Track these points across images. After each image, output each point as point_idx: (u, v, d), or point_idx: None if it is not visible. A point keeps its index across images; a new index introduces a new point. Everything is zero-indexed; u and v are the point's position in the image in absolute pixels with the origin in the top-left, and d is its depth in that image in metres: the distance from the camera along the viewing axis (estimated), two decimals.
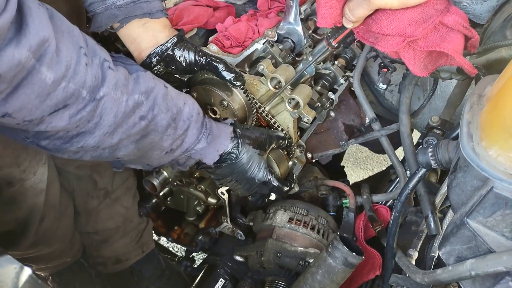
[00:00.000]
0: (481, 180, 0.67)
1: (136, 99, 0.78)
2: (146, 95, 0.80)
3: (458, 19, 0.82)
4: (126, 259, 1.42)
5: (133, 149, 0.84)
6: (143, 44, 0.97)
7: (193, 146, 0.93)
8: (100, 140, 0.77)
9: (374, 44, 0.90)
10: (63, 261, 1.38)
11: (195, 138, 0.92)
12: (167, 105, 0.84)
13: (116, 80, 0.75)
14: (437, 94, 1.44)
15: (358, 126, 1.56)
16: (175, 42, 0.98)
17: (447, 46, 0.82)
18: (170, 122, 0.86)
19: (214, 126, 0.97)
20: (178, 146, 0.91)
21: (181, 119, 0.88)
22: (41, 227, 1.18)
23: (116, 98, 0.75)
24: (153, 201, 1.43)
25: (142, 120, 0.81)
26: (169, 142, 0.88)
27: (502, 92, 0.65)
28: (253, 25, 1.31)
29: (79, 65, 0.68)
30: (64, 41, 0.67)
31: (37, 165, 1.08)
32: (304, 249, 1.15)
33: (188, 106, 0.90)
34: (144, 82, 0.81)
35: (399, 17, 0.84)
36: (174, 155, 0.92)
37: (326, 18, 0.91)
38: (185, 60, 0.99)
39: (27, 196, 1.09)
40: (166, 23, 1.00)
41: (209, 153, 0.96)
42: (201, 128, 0.93)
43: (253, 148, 1.01)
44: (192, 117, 0.91)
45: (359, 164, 3.25)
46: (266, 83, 1.15)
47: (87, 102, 0.71)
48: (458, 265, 0.69)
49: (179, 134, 0.89)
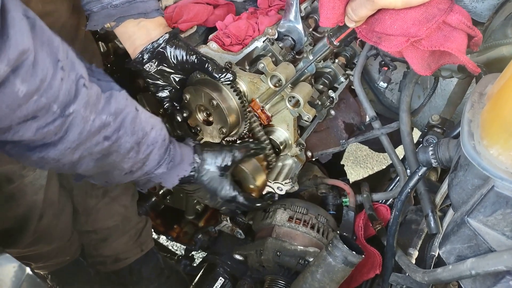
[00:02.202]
0: (482, 179, 0.67)
1: (104, 119, 0.78)
2: (114, 116, 0.80)
3: (462, 18, 0.82)
4: (125, 258, 1.42)
5: (93, 166, 0.84)
6: (137, 41, 0.99)
7: (154, 170, 0.94)
8: (61, 154, 0.76)
9: (378, 44, 0.90)
10: (62, 260, 1.38)
11: (155, 163, 0.93)
12: (133, 128, 0.84)
13: (88, 99, 0.74)
14: (438, 93, 1.44)
15: (358, 124, 1.56)
16: (167, 40, 0.99)
17: (450, 46, 0.82)
18: (133, 146, 0.85)
19: (178, 152, 0.97)
20: (139, 168, 0.91)
21: (145, 144, 0.88)
22: (40, 225, 1.18)
23: (84, 116, 0.74)
24: (152, 199, 1.43)
25: (106, 140, 0.80)
26: (130, 165, 0.88)
27: (503, 90, 0.65)
28: (253, 23, 1.31)
29: (54, 79, 0.67)
30: (42, 53, 0.66)
31: None
32: (303, 248, 1.15)
33: (155, 131, 0.90)
34: (115, 103, 0.80)
35: (402, 17, 0.84)
36: (133, 176, 0.93)
37: (329, 18, 0.91)
38: (176, 58, 1.00)
39: (26, 192, 1.09)
40: (161, 21, 1.01)
41: (169, 178, 0.98)
42: (163, 154, 0.93)
43: (213, 170, 1.02)
44: (157, 143, 0.90)
45: (359, 163, 3.25)
46: (266, 81, 1.15)
47: (57, 117, 0.70)
48: (459, 264, 0.69)
49: (140, 158, 0.89)
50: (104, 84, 0.81)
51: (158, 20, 1.00)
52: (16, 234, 1.16)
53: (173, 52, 1.00)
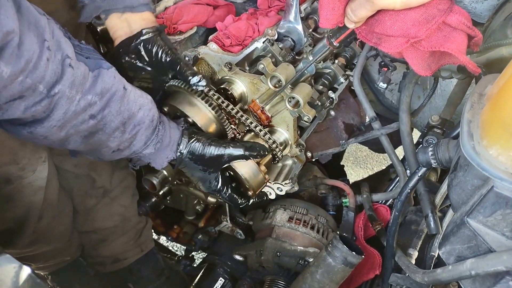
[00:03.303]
0: (482, 179, 0.67)
1: (89, 99, 0.78)
2: (100, 95, 0.80)
3: (462, 19, 0.82)
4: (125, 258, 1.42)
5: (81, 143, 0.84)
6: (117, 33, 0.99)
7: (141, 150, 0.94)
8: (47, 131, 0.77)
9: (378, 45, 0.90)
10: (62, 260, 1.38)
11: (142, 144, 0.92)
12: (119, 108, 0.84)
13: (74, 79, 0.74)
14: (438, 93, 1.44)
15: (358, 125, 1.56)
16: (145, 36, 0.97)
17: (450, 46, 0.82)
18: (119, 126, 0.85)
19: (167, 133, 0.96)
20: (126, 147, 0.91)
21: (131, 124, 0.88)
22: (39, 226, 1.18)
23: (69, 96, 0.74)
24: (152, 200, 1.42)
25: (91, 118, 0.80)
26: (116, 143, 0.88)
27: (502, 91, 0.65)
28: (253, 23, 1.31)
29: (40, 60, 0.68)
30: (29, 34, 0.66)
31: (36, 163, 1.08)
32: (303, 248, 1.15)
33: (143, 112, 0.89)
34: (102, 82, 0.80)
35: (402, 18, 0.84)
36: (122, 154, 0.93)
37: (329, 19, 0.91)
38: (150, 55, 0.99)
39: (25, 193, 1.09)
40: (147, 16, 1.00)
41: (158, 159, 0.97)
42: (150, 135, 0.92)
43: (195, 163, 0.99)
44: (144, 123, 0.90)
45: (359, 163, 3.25)
46: (266, 82, 1.15)
47: (44, 97, 0.71)
48: (458, 264, 0.69)
49: (126, 137, 0.88)
50: (92, 62, 0.81)
51: (144, 14, 0.99)
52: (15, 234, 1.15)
53: (149, 49, 0.98)
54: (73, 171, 1.27)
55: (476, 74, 0.87)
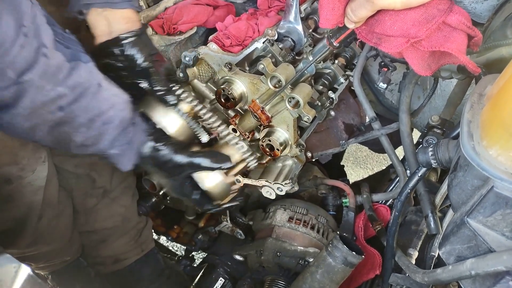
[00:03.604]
0: (482, 179, 0.67)
1: (60, 91, 0.76)
2: (72, 88, 0.78)
3: (461, 19, 0.82)
4: (125, 258, 1.42)
5: (47, 134, 0.82)
6: (97, 32, 0.95)
7: (107, 149, 0.91)
8: (13, 119, 0.75)
9: (378, 45, 0.90)
10: (62, 260, 1.38)
11: (109, 143, 0.90)
12: (88, 104, 0.82)
13: (46, 69, 0.73)
14: (437, 93, 1.44)
15: (358, 125, 1.56)
16: (122, 41, 0.94)
17: (450, 46, 0.82)
18: (85, 122, 0.83)
19: (137, 137, 0.94)
20: (92, 144, 0.89)
21: (98, 122, 0.85)
22: (39, 226, 1.18)
23: (39, 86, 0.73)
24: (153, 200, 1.43)
25: (59, 110, 0.78)
26: (81, 139, 0.86)
27: (502, 91, 0.65)
28: (253, 24, 1.31)
29: (13, 45, 0.66)
30: (6, 17, 0.64)
31: (36, 163, 1.08)
32: (303, 248, 1.15)
33: (114, 111, 0.87)
34: (76, 75, 0.78)
35: (402, 18, 0.84)
36: (88, 150, 0.90)
37: (328, 19, 0.91)
38: (126, 61, 0.96)
39: (24, 193, 1.09)
40: (129, 15, 0.96)
41: (123, 161, 0.94)
42: (118, 136, 0.89)
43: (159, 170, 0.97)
44: (112, 123, 0.87)
45: (359, 163, 3.25)
46: (266, 82, 1.15)
47: (12, 83, 0.69)
48: (458, 264, 0.69)
49: (92, 134, 0.86)
50: (71, 52, 0.79)
51: (125, 12, 0.95)
52: (15, 234, 1.15)
53: (127, 55, 0.95)
54: (74, 171, 1.27)
55: (476, 74, 0.87)
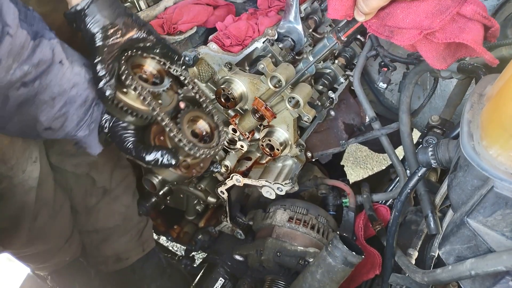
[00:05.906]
0: (482, 179, 0.67)
1: (25, 70, 0.77)
2: (36, 66, 0.79)
3: (477, 9, 0.79)
4: (127, 258, 1.42)
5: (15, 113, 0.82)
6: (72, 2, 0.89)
7: (75, 132, 0.90)
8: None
9: (390, 38, 0.88)
10: (62, 260, 1.38)
11: (75, 124, 0.89)
12: (50, 82, 0.82)
13: (11, 48, 0.73)
14: (437, 93, 1.44)
15: (358, 125, 1.56)
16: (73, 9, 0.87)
17: (466, 37, 0.80)
18: (47, 99, 0.83)
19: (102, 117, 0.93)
20: (59, 128, 0.88)
21: (61, 101, 0.85)
22: (35, 225, 1.18)
23: (6, 66, 0.73)
24: (153, 200, 1.43)
25: (23, 86, 0.79)
26: (45, 119, 0.86)
27: (502, 91, 0.65)
28: (253, 23, 1.31)
29: None
30: None
31: (25, 163, 1.07)
32: (303, 248, 1.15)
33: (76, 90, 0.86)
34: (40, 52, 0.79)
35: (415, 10, 0.82)
36: (56, 134, 0.90)
37: (337, 10, 0.89)
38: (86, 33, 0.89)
39: (16, 193, 1.09)
40: None
41: (92, 143, 0.94)
42: (83, 115, 0.89)
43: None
44: (75, 102, 0.87)
45: (359, 163, 3.25)
46: (266, 82, 1.15)
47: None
48: (458, 264, 0.69)
49: (55, 114, 0.86)
50: (35, 30, 0.79)
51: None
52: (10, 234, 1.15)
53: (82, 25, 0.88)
54: (73, 171, 1.27)
55: (494, 65, 0.84)
